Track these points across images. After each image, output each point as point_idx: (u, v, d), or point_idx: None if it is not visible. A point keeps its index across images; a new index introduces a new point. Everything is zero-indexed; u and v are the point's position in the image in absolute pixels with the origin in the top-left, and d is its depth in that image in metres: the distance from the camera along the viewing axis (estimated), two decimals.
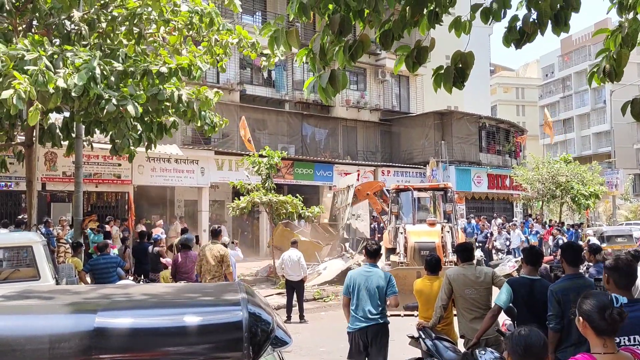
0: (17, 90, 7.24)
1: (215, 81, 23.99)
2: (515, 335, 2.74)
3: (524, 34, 4.24)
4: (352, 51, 4.07)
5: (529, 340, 2.67)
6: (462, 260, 5.97)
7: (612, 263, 3.75)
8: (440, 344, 5.67)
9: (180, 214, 22.23)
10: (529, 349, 2.63)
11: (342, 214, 19.45)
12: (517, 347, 2.66)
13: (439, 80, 4.25)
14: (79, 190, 12.26)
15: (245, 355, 2.79)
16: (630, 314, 3.23)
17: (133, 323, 2.85)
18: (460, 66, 4.00)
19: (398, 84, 32.31)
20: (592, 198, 27.00)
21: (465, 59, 4.09)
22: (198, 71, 9.85)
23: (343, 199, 19.43)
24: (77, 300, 3.12)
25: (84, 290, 3.53)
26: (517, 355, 2.65)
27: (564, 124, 70.09)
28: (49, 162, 16.76)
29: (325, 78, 3.94)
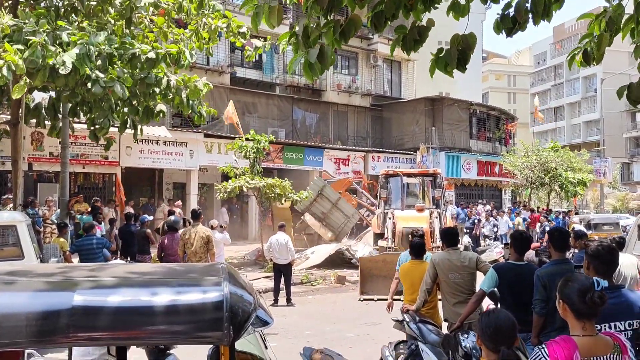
0: (8, 62, 7.12)
1: (205, 63, 23.78)
2: (485, 317, 2.77)
3: (516, 22, 4.18)
4: (342, 29, 3.96)
5: (499, 321, 2.69)
6: (447, 245, 5.99)
7: (593, 250, 3.75)
8: (424, 327, 5.70)
9: (168, 196, 22.14)
10: (498, 330, 2.65)
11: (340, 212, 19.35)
12: (487, 329, 2.68)
13: (441, 63, 4.15)
14: (65, 171, 12.16)
15: (226, 334, 2.78)
16: (610, 301, 3.23)
17: (111, 302, 2.82)
18: (461, 48, 3.93)
19: (390, 69, 32.21)
20: (580, 185, 27.21)
21: (466, 41, 4.01)
22: (187, 59, 9.74)
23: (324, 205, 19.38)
24: (55, 279, 3.08)
25: (63, 268, 3.49)
26: (487, 336, 2.67)
27: (555, 112, 70.39)
28: (35, 141, 16.59)
29: (314, 54, 3.84)
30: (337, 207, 19.28)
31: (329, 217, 19.36)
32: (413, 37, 3.89)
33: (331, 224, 19.42)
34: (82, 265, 3.68)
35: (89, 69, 7.95)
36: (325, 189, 19.32)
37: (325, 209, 19.28)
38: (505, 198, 33.82)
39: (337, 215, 19.34)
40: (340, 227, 19.45)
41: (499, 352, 2.56)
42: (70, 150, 16.33)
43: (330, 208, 19.23)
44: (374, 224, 16.72)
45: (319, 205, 19.28)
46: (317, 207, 19.31)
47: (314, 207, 19.28)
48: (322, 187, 19.39)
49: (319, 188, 19.37)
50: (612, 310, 3.36)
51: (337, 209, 19.29)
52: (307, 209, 19.21)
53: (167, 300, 2.87)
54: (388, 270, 11.65)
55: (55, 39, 7.81)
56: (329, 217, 19.36)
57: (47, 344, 2.81)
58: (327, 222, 19.40)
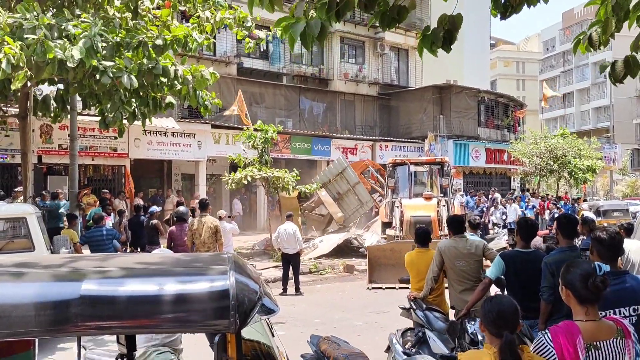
0: (7, 55, 7.16)
1: (212, 54, 23.77)
2: (488, 303, 2.78)
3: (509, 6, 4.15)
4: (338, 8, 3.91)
5: (501, 306, 2.70)
6: (453, 233, 6.00)
7: (597, 235, 3.77)
8: (431, 315, 5.73)
9: (177, 187, 22.25)
10: (501, 315, 2.67)
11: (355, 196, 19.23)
12: (490, 314, 2.70)
13: (427, 42, 4.14)
14: (74, 163, 12.24)
15: (232, 322, 2.81)
16: (614, 287, 3.26)
17: (119, 291, 2.86)
18: (448, 28, 3.91)
19: (397, 58, 32.04)
20: (589, 172, 27.04)
21: (453, 21, 3.99)
22: (194, 43, 9.71)
23: (341, 186, 19.28)
24: (63, 269, 3.13)
25: (71, 259, 3.53)
26: (490, 321, 2.68)
27: (564, 99, 69.78)
28: (44, 134, 16.69)
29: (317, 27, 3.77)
30: (354, 191, 19.10)
31: (344, 198, 19.22)
32: (392, 15, 3.85)
33: (344, 206, 19.24)
34: (90, 256, 3.73)
35: (96, 61, 7.97)
36: (347, 170, 19.16)
37: (341, 190, 19.15)
38: (514, 186, 33.67)
39: (352, 199, 19.19)
40: (352, 211, 19.29)
41: (502, 337, 2.57)
42: (79, 142, 16.44)
43: (347, 191, 19.08)
44: (381, 213, 16.73)
45: (336, 185, 19.17)
46: (335, 186, 19.20)
47: (331, 185, 19.20)
48: (345, 168, 19.23)
49: (341, 168, 19.25)
50: (617, 296, 3.37)
51: (353, 193, 19.12)
52: (324, 185, 19.13)
53: (174, 290, 2.91)
54: (396, 259, 11.68)
55: (61, 32, 7.83)
56: (343, 199, 19.22)
57: (56, 333, 2.85)
58: (340, 203, 19.24)
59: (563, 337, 2.64)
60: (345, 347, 4.64)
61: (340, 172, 19.14)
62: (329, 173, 19.65)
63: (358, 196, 19.17)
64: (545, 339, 2.70)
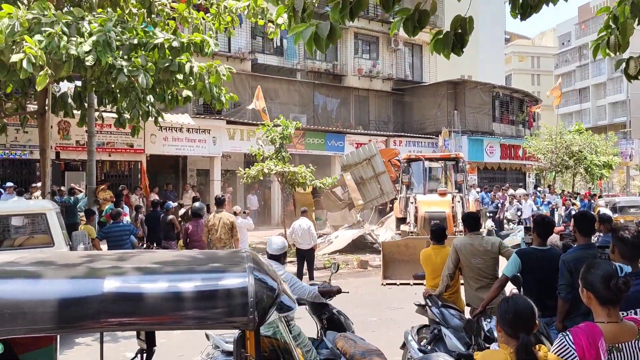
0: (28, 55, 7.26)
1: (227, 50, 23.86)
2: (504, 303, 2.78)
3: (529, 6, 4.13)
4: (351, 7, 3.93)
5: (518, 307, 2.70)
6: (469, 230, 5.99)
7: (620, 234, 3.73)
8: (447, 312, 5.73)
9: (192, 183, 22.39)
10: (517, 316, 2.66)
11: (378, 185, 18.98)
12: (506, 315, 2.70)
13: (438, 46, 4.16)
14: (92, 159, 12.38)
15: (251, 320, 2.85)
16: (636, 288, 3.23)
17: (141, 288, 2.91)
18: (460, 32, 3.91)
19: (411, 53, 31.93)
20: (606, 168, 26.78)
21: (464, 24, 4.00)
22: (209, 47, 9.81)
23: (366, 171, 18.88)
24: (86, 266, 3.18)
25: (93, 256, 3.59)
26: (506, 322, 2.68)
27: (580, 94, 69.10)
28: (62, 131, 16.89)
29: (326, 29, 3.81)
30: (378, 180, 18.70)
31: (366, 185, 18.82)
32: (414, 22, 3.87)
33: (364, 192, 18.89)
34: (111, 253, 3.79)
35: (112, 58, 8.06)
36: (375, 158, 18.72)
37: (365, 176, 18.73)
38: (529, 181, 33.44)
39: (374, 187, 18.77)
40: (372, 198, 18.94)
41: (518, 338, 2.58)
42: (97, 139, 16.60)
43: (371, 178, 18.67)
44: (396, 209, 16.70)
45: (361, 170, 18.79)
46: (360, 171, 18.83)
47: (356, 170, 18.88)
48: (374, 155, 18.79)
49: (370, 154, 18.83)
50: (637, 296, 3.34)
51: (376, 181, 18.71)
52: (349, 167, 18.86)
53: (194, 287, 2.95)
54: (410, 255, 11.68)
55: (79, 30, 7.93)
56: (365, 185, 18.83)
57: (79, 329, 2.92)
58: (361, 189, 18.89)
59: (585, 339, 2.63)
60: (361, 344, 4.68)
61: (369, 158, 18.67)
62: (356, 156, 19.14)
63: (381, 185, 18.72)
64: (566, 340, 2.70)
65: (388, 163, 19.73)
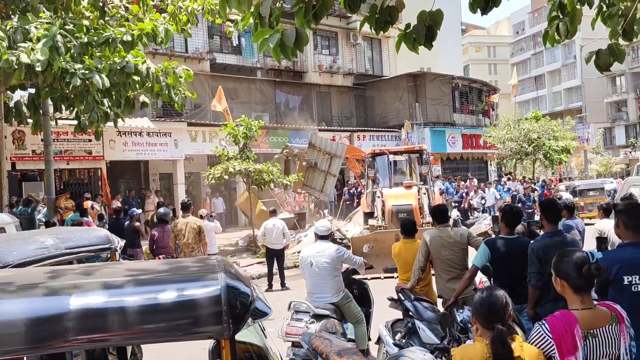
0: None
1: (184, 50, 23.52)
2: (478, 296, 2.80)
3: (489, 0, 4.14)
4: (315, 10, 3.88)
5: (492, 299, 2.72)
6: (438, 223, 6.03)
7: (622, 206, 3.86)
8: (420, 305, 5.76)
9: (155, 187, 22.02)
10: (492, 308, 2.68)
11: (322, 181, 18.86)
12: (481, 307, 2.71)
13: (409, 40, 4.14)
14: (49, 169, 12.01)
15: (225, 328, 2.79)
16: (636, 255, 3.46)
17: (109, 302, 2.81)
18: (428, 25, 3.90)
19: (370, 47, 32.05)
20: (564, 153, 27.46)
21: (434, 17, 3.99)
22: (161, 36, 9.57)
23: (322, 163, 18.70)
24: (50, 283, 3.06)
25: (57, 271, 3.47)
26: (481, 314, 2.70)
27: (536, 81, 70.69)
28: (17, 140, 16.37)
29: (292, 37, 3.76)
30: (325, 177, 18.53)
31: (314, 173, 18.74)
32: (384, 17, 3.85)
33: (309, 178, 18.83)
34: (75, 267, 3.66)
35: (64, 62, 7.82)
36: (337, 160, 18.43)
37: (319, 165, 18.60)
38: (491, 170, 34.05)
39: (319, 180, 18.65)
40: (311, 188, 18.86)
41: (493, 329, 2.59)
42: (54, 147, 16.14)
43: (322, 171, 18.53)
44: (363, 204, 16.76)
45: (320, 159, 18.63)
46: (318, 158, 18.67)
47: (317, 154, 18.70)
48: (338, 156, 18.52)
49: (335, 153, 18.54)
50: None
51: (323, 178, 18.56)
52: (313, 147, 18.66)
53: (164, 298, 2.86)
54: (380, 249, 11.71)
55: (26, 36, 7.66)
56: (313, 173, 18.76)
57: (47, 349, 2.80)
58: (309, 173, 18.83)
59: (561, 327, 2.66)
60: (337, 343, 4.64)
61: (332, 155, 18.52)
62: (325, 144, 18.87)
63: (325, 183, 18.70)
64: (543, 329, 2.72)
65: (352, 159, 19.77)
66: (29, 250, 4.93)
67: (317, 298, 6.18)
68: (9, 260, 4.60)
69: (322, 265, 6.13)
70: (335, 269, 6.17)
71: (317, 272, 6.16)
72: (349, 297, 6.30)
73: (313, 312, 5.96)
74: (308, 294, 6.37)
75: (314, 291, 6.26)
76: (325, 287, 6.16)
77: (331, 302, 6.14)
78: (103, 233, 6.01)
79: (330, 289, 6.15)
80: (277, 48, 3.72)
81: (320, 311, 5.99)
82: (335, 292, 6.17)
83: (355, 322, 6.27)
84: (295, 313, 6.10)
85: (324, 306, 6.08)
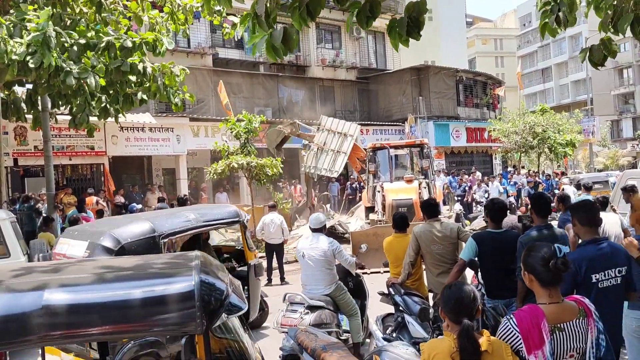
0: None
1: (187, 46, 23.53)
2: (447, 290, 2.80)
3: None
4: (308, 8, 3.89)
5: (460, 293, 2.72)
6: (427, 217, 6.00)
7: (573, 205, 4.04)
8: (410, 299, 5.75)
9: (158, 182, 22.08)
10: (459, 302, 2.69)
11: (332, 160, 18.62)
12: (449, 301, 2.72)
13: (394, 34, 4.12)
14: (49, 165, 12.06)
15: (199, 324, 2.80)
16: (600, 251, 3.58)
17: (81, 299, 2.83)
18: (415, 15, 3.88)
19: (374, 41, 31.92)
20: (569, 146, 27.30)
21: (418, 8, 3.97)
22: (163, 46, 9.60)
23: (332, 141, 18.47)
24: (25, 279, 3.08)
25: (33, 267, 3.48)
26: (449, 308, 2.71)
27: (542, 74, 70.26)
28: (19, 136, 16.45)
29: (279, 36, 3.79)
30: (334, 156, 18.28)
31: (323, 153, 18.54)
32: (365, 13, 3.84)
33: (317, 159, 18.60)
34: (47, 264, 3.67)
35: (61, 60, 7.82)
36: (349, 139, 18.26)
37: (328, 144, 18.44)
38: (496, 163, 33.90)
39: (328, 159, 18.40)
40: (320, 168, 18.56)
41: (461, 323, 2.59)
42: (55, 143, 16.23)
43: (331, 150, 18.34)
44: (364, 198, 16.73)
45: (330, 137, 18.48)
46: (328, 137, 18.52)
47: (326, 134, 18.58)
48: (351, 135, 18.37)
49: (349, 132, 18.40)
50: (602, 258, 3.58)
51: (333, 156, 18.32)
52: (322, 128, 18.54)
53: (137, 294, 2.88)
54: (380, 243, 11.54)
55: (22, 31, 7.66)
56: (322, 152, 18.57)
57: (20, 345, 2.82)
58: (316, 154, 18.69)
59: (528, 321, 2.66)
60: (322, 338, 4.65)
61: (344, 134, 18.34)
62: (336, 125, 18.73)
63: (334, 162, 18.39)
64: (510, 324, 2.72)
65: (354, 156, 19.65)
66: (178, 223, 6.24)
67: (310, 290, 6.26)
68: (163, 230, 5.88)
69: (314, 258, 6.21)
70: (327, 262, 6.22)
71: (310, 264, 6.24)
72: (343, 289, 6.35)
73: (308, 304, 6.05)
74: (302, 286, 6.44)
75: (307, 283, 6.34)
76: (318, 279, 6.22)
77: (325, 294, 6.21)
78: (233, 209, 7.45)
79: (323, 281, 6.20)
80: (269, 49, 3.75)
81: (314, 302, 6.07)
82: (328, 284, 6.23)
83: (350, 315, 6.33)
84: (290, 304, 6.18)
85: (318, 298, 6.15)
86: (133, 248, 5.52)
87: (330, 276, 6.26)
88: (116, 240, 5.47)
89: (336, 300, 6.25)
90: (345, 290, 6.37)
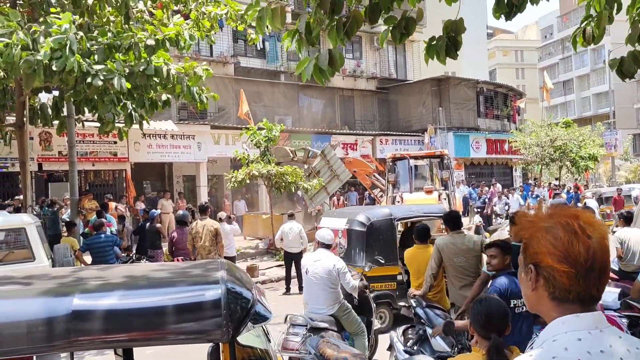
0: None
1: (209, 54, 23.76)
2: (477, 305, 2.77)
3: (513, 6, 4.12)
4: (346, 29, 3.96)
5: (490, 309, 2.70)
6: (450, 229, 5.97)
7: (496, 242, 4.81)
8: (431, 312, 5.70)
9: (179, 189, 22.25)
10: (489, 318, 2.66)
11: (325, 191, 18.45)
12: (479, 316, 2.69)
13: (432, 52, 4.17)
14: (73, 170, 12.21)
15: (225, 332, 2.81)
16: None
17: (110, 305, 2.86)
18: (453, 35, 3.90)
19: (394, 51, 31.93)
20: (591, 160, 26.99)
21: (456, 27, 3.99)
22: (186, 41, 9.66)
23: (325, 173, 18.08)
24: (55, 284, 3.12)
25: (63, 273, 3.53)
26: (479, 323, 2.68)
27: (564, 86, 69.55)
28: (43, 142, 16.71)
29: (325, 59, 3.84)
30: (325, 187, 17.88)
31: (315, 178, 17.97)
32: (400, 30, 3.88)
33: None
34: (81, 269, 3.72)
35: (86, 65, 7.91)
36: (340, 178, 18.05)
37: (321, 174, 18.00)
38: (516, 175, 33.59)
39: None
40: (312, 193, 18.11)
41: (490, 338, 2.57)
42: (79, 149, 16.44)
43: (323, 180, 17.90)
44: None
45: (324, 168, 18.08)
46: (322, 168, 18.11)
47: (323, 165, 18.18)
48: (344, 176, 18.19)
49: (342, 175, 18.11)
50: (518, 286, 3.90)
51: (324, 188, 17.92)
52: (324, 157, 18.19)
53: (165, 301, 2.90)
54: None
55: (46, 37, 7.77)
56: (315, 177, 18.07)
57: (50, 350, 2.85)
58: None
59: None
60: (344, 349, 4.64)
61: (335, 175, 18.02)
62: (334, 162, 18.27)
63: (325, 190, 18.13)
64: None
65: (362, 172, 19.35)
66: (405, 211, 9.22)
67: (312, 309, 5.95)
68: (397, 215, 8.73)
69: (318, 275, 5.91)
70: (331, 281, 5.91)
71: (313, 281, 5.94)
72: (347, 308, 6.03)
73: (310, 325, 5.72)
74: (304, 304, 6.14)
75: (309, 302, 6.04)
76: (319, 297, 5.92)
77: (328, 314, 5.90)
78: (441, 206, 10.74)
79: (325, 301, 5.90)
80: (316, 73, 3.82)
81: (317, 324, 5.74)
82: (330, 304, 5.92)
83: (355, 334, 6.01)
84: (291, 327, 5.82)
85: (321, 318, 5.84)
86: (378, 225, 8.34)
87: (333, 295, 5.92)
88: (368, 218, 8.33)
89: (340, 320, 5.94)
90: (349, 309, 6.04)
